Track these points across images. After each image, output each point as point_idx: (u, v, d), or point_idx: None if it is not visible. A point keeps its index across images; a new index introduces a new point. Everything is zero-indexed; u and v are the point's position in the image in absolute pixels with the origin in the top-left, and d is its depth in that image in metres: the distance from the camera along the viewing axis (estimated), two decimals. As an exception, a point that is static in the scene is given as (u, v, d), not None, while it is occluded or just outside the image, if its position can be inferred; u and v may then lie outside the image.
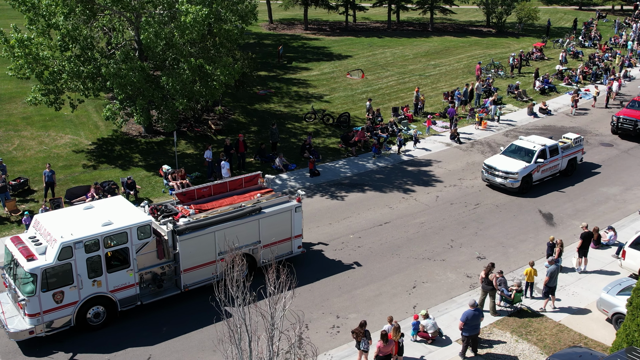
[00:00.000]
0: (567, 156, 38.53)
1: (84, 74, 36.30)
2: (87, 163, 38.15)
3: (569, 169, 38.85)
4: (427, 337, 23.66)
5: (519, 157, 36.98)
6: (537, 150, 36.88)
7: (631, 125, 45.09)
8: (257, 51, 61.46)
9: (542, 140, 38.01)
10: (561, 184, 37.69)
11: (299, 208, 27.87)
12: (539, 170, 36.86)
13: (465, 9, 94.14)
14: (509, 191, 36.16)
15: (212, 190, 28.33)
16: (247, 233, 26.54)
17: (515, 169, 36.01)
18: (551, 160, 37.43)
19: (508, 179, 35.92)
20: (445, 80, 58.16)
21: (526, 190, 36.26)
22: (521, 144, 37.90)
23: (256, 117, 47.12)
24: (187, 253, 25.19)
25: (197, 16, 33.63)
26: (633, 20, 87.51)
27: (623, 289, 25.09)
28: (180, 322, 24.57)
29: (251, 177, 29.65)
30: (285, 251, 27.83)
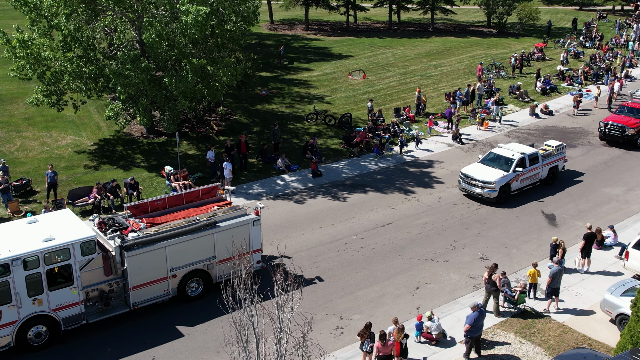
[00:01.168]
0: (548, 164, 37.22)
1: (86, 74, 36.28)
2: (89, 164, 38.12)
3: (550, 177, 37.61)
4: (431, 338, 23.64)
5: (498, 165, 35.72)
6: (515, 158, 35.57)
7: (618, 132, 43.61)
8: (258, 52, 61.46)
9: (521, 148, 36.78)
10: (563, 184, 37.64)
11: (257, 221, 26.60)
12: (518, 179, 35.54)
13: (465, 10, 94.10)
14: (485, 201, 35.03)
15: (167, 202, 27.23)
16: (202, 248, 25.45)
17: (492, 178, 34.70)
18: (531, 169, 36.12)
19: (485, 188, 34.61)
20: (446, 80, 58.15)
21: (504, 201, 35.02)
22: (500, 152, 36.62)
23: (258, 118, 47.10)
24: (135, 269, 23.99)
25: (197, 16, 33.59)
26: (634, 20, 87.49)
27: (627, 290, 25.09)
28: (183, 324, 24.52)
29: (209, 188, 28.58)
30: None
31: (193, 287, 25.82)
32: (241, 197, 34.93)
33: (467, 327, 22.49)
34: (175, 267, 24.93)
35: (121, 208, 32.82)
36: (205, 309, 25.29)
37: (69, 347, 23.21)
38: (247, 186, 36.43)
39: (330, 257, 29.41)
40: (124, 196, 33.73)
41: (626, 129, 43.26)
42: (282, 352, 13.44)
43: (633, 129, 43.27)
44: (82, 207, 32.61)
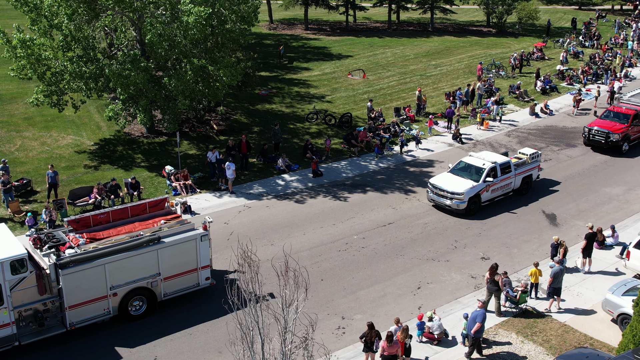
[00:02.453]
0: (521, 174, 35.77)
1: (86, 74, 36.26)
2: (90, 164, 38.09)
3: (524, 187, 36.17)
4: (432, 338, 23.64)
5: (468, 175, 34.28)
6: (486, 168, 34.12)
7: (603, 137, 42.25)
8: (258, 51, 61.31)
9: (492, 157, 35.36)
10: (563, 184, 37.66)
11: (205, 236, 25.38)
12: (489, 189, 34.09)
13: (465, 9, 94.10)
14: (454, 213, 33.64)
15: (111, 216, 26.03)
16: (145, 265, 24.21)
17: (461, 189, 33.25)
18: (502, 179, 34.68)
19: (453, 199, 33.21)
20: (446, 80, 58.14)
21: (474, 212, 33.64)
22: (470, 161, 35.12)
23: (258, 118, 47.08)
24: (72, 288, 22.70)
25: (199, 17, 33.58)
26: (633, 20, 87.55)
27: (628, 289, 25.13)
28: (184, 324, 24.52)
29: (157, 201, 27.38)
30: (191, 283, 25.60)
31: (136, 306, 24.57)
32: (242, 197, 34.95)
33: (478, 326, 22.41)
34: (116, 285, 23.70)
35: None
36: (207, 308, 25.31)
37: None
38: (248, 186, 36.43)
39: (331, 257, 29.41)
40: (124, 196, 33.70)
41: (610, 135, 41.91)
42: (286, 352, 13.42)
43: (618, 135, 41.92)
44: (83, 207, 32.57)
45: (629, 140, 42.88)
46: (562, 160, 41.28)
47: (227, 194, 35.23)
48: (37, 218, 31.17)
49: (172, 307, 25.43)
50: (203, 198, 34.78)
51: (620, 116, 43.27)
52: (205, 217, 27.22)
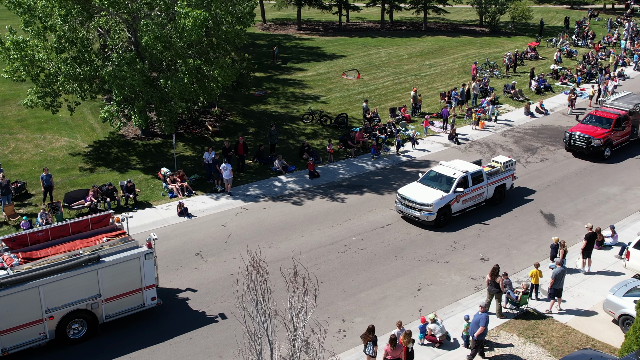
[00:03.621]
0: (493, 183, 34.45)
1: (81, 76, 35.95)
2: (84, 166, 37.78)
3: (497, 197, 34.86)
4: (434, 340, 23.50)
5: (438, 185, 32.93)
6: (456, 178, 32.77)
7: (584, 143, 41.02)
8: (251, 51, 61.02)
9: (464, 166, 33.85)
10: (561, 184, 37.61)
11: (150, 254, 23.91)
12: (459, 200, 32.75)
13: (458, 9, 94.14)
14: (424, 225, 32.31)
15: (50, 234, 24.42)
16: (84, 286, 22.82)
17: (429, 200, 31.84)
18: (474, 189, 33.34)
19: (422, 211, 31.81)
20: (441, 80, 58.08)
21: (444, 224, 32.33)
22: (440, 171, 33.70)
23: (253, 119, 46.87)
24: (3, 312, 21.33)
25: (196, 20, 33.34)
26: (625, 18, 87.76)
27: (629, 290, 25.04)
28: (184, 327, 24.28)
29: (100, 217, 25.69)
30: (136, 304, 24.23)
31: (75, 329, 23.19)
32: (239, 199, 34.74)
33: (482, 329, 22.27)
34: (52, 308, 22.30)
35: (119, 211, 32.64)
36: (206, 312, 25.10)
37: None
38: (244, 187, 36.22)
39: (330, 259, 29.23)
40: (120, 199, 33.42)
41: (592, 140, 40.69)
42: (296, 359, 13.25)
43: (599, 140, 40.74)
44: (79, 210, 32.29)
45: (611, 145, 41.66)
46: (559, 160, 41.23)
47: (224, 195, 35.01)
48: (33, 221, 30.85)
49: (170, 310, 25.19)
50: (200, 200, 34.55)
51: (602, 121, 41.97)
52: (150, 234, 25.44)
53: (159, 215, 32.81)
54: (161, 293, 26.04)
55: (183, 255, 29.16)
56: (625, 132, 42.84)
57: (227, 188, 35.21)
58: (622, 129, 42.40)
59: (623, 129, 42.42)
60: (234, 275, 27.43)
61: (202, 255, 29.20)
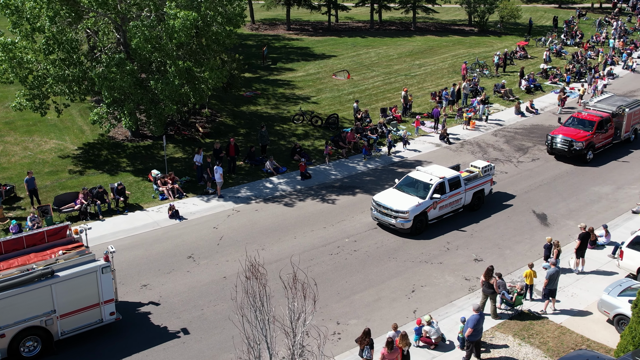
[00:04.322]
0: (472, 189, 33.61)
1: (70, 77, 35.61)
2: (74, 168, 37.43)
3: (476, 202, 34.04)
4: (430, 342, 23.37)
5: (414, 191, 32.05)
6: (433, 184, 31.92)
7: (566, 146, 40.28)
8: (240, 52, 60.88)
9: (441, 172, 33.05)
10: (553, 184, 37.59)
11: (107, 268, 22.93)
12: (436, 207, 31.87)
13: (446, 8, 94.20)
14: (399, 232, 31.45)
15: (3, 247, 23.31)
16: (37, 302, 21.85)
17: (405, 207, 30.92)
18: (451, 195, 32.53)
19: (398, 218, 30.92)
20: (431, 80, 58.02)
21: (420, 231, 31.47)
22: (417, 177, 32.81)
23: (243, 120, 46.63)
24: None
25: (186, 20, 33.07)
26: (613, 17, 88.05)
27: (623, 289, 25.00)
28: (177, 332, 24.05)
29: (57, 229, 24.57)
30: (94, 319, 23.21)
31: (29, 347, 22.22)
32: (230, 201, 34.52)
33: (470, 331, 22.23)
34: (4, 326, 21.42)
35: (109, 214, 32.36)
36: (199, 316, 24.87)
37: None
38: (236, 189, 35.99)
39: (323, 261, 29.05)
40: (111, 201, 33.12)
41: (574, 143, 39.99)
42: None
43: (581, 143, 39.95)
44: (69, 214, 31.98)
45: (594, 148, 40.91)
46: (550, 159, 41.21)
47: (215, 197, 34.77)
48: (22, 225, 30.53)
49: (162, 314, 24.94)
50: (191, 202, 34.30)
51: (585, 123, 41.23)
52: (108, 246, 24.27)
53: (150, 217, 32.54)
54: (155, 296, 25.85)
55: (175, 258, 28.91)
56: (608, 135, 42.12)
57: (218, 191, 34.91)
58: (605, 132, 41.67)
59: (606, 131, 41.71)
60: (227, 278, 27.30)
61: (194, 258, 28.96)
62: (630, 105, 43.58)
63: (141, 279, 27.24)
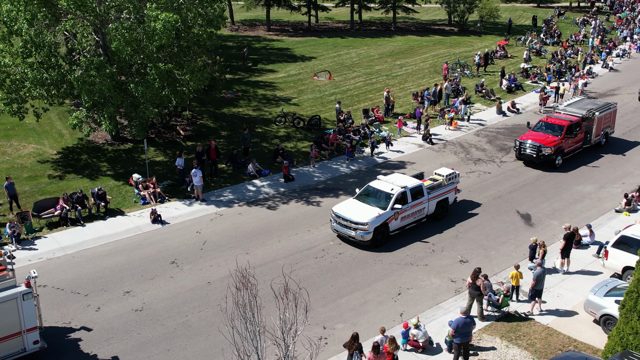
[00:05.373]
0: (435, 198, 32.50)
1: (48, 81, 35.04)
2: (53, 173, 36.87)
3: (439, 212, 32.99)
4: (417, 346, 23.20)
5: (375, 202, 30.85)
6: (394, 193, 30.71)
7: (534, 152, 39.33)
8: (220, 53, 60.34)
9: (402, 181, 31.83)
10: (537, 183, 37.61)
11: (29, 294, 21.42)
12: (398, 217, 30.74)
13: (426, 8, 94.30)
14: (360, 245, 30.30)
15: None
16: None
17: (365, 218, 29.69)
18: (414, 205, 31.34)
19: (357, 230, 29.71)
20: (412, 80, 57.95)
21: (381, 243, 30.27)
22: (378, 186, 31.57)
23: (225, 122, 46.26)
24: None
25: (167, 24, 32.65)
26: (591, 16, 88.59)
27: (609, 290, 25.00)
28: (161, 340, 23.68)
29: None
30: (16, 349, 21.67)
31: None
32: (213, 205, 34.17)
33: (452, 332, 22.11)
34: None
35: (90, 219, 31.88)
36: (184, 323, 24.52)
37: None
38: (218, 193, 35.63)
39: (308, 265, 28.79)
40: (91, 207, 32.64)
41: (542, 148, 38.96)
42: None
43: (550, 148, 38.96)
44: (49, 219, 31.46)
45: (563, 153, 40.04)
46: (532, 159, 41.26)
47: (197, 201, 34.37)
48: (1, 232, 30.00)
49: (147, 323, 24.56)
50: (173, 206, 33.89)
51: (554, 128, 40.24)
52: (30, 271, 22.60)
53: (131, 222, 32.11)
54: (138, 303, 25.47)
55: (158, 264, 28.52)
56: (578, 139, 41.26)
57: (198, 195, 34.46)
58: (574, 136, 40.72)
59: (575, 136, 40.75)
60: (212, 283, 26.99)
61: (177, 264, 28.59)
62: (600, 108, 42.72)
63: (124, 285, 26.83)
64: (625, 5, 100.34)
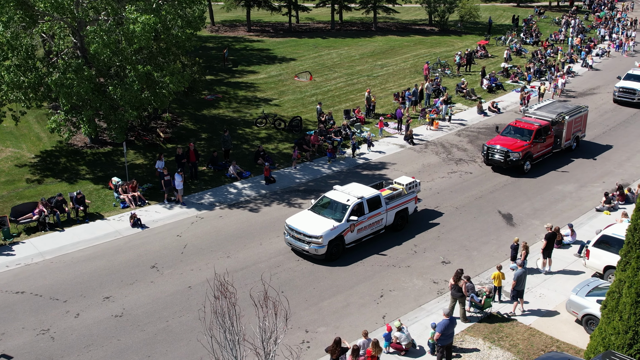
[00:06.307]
0: (393, 208, 31.31)
1: (25, 84, 34.57)
2: (32, 177, 36.40)
3: (399, 222, 31.82)
4: (400, 348, 23.09)
5: (330, 213, 29.57)
6: (350, 204, 29.47)
7: (502, 157, 38.60)
8: (200, 54, 60.20)
9: (359, 191, 30.59)
10: (518, 183, 37.67)
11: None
12: (354, 229, 29.43)
13: (407, 8, 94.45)
14: (313, 259, 29.14)
15: None
16: None
17: (319, 231, 28.38)
18: (371, 216, 30.17)
19: (311, 244, 28.45)
20: (393, 80, 57.92)
21: (336, 257, 29.06)
22: (333, 197, 30.34)
23: (205, 124, 45.95)
24: None
25: (146, 26, 32.32)
26: (570, 16, 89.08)
27: (591, 289, 25.04)
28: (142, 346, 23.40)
29: None
30: None
31: None
32: (193, 208, 33.88)
33: (438, 335, 22.02)
34: None
35: (68, 223, 31.48)
36: (165, 328, 24.25)
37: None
38: (199, 196, 35.34)
39: (290, 267, 28.60)
40: (70, 211, 32.23)
41: (510, 154, 38.17)
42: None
43: (518, 153, 38.21)
44: (27, 225, 31.02)
45: (532, 158, 39.25)
46: (514, 158, 41.32)
47: (178, 204, 34.06)
48: (-22, 238, 29.59)
49: (126, 327, 24.27)
50: (153, 210, 33.57)
51: (523, 132, 39.54)
52: None
53: (111, 227, 31.75)
54: (118, 309, 25.16)
55: (138, 269, 28.20)
56: (548, 144, 40.51)
57: (179, 198, 34.16)
58: (543, 141, 39.98)
59: (544, 140, 40.01)
60: (192, 287, 26.73)
61: (157, 268, 28.28)
62: (571, 112, 42.05)
63: (103, 291, 26.49)
64: (604, 5, 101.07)
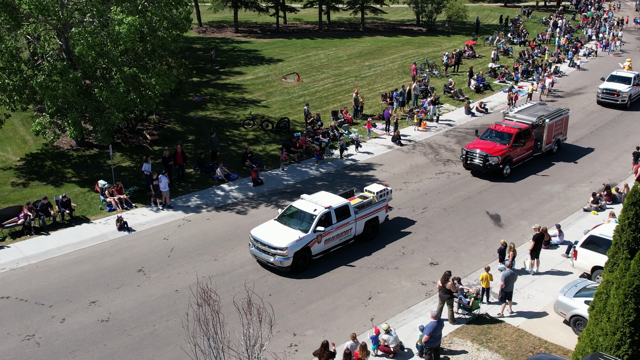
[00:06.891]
0: (363, 217, 30.38)
1: (10, 86, 34.25)
2: (17, 181, 36.08)
3: (369, 232, 30.88)
4: (388, 351, 23.01)
5: (297, 224, 28.68)
6: (317, 214, 28.51)
7: (482, 161, 37.84)
8: (187, 56, 59.91)
9: (327, 201, 29.68)
10: (505, 184, 37.67)
11: None
12: (321, 240, 28.53)
13: (394, 8, 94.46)
14: (278, 271, 28.18)
15: None
16: None
17: (284, 242, 27.44)
18: (339, 226, 29.19)
19: (276, 256, 27.50)
20: (381, 81, 57.88)
21: (303, 269, 28.15)
22: (300, 206, 29.45)
23: (192, 126, 45.72)
24: None
25: (131, 27, 32.07)
26: (557, 15, 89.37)
27: (579, 290, 25.04)
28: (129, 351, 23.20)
29: None
30: None
31: None
32: (180, 210, 33.68)
33: (426, 338, 21.95)
34: None
35: (54, 227, 31.20)
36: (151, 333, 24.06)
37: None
38: (186, 198, 35.14)
39: (278, 270, 28.42)
40: (56, 214, 31.95)
41: (489, 158, 37.49)
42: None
43: (497, 157, 37.54)
44: (12, 229, 30.71)
45: (511, 162, 38.58)
46: (501, 159, 41.34)
47: (164, 207, 33.83)
48: (-38, 242, 29.28)
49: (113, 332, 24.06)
50: (140, 213, 33.33)
51: (503, 136, 38.83)
52: None
53: (97, 230, 31.50)
54: (106, 313, 24.94)
55: (124, 272, 27.98)
56: (528, 147, 40.06)
57: (166, 201, 33.91)
58: (523, 145, 39.43)
59: (524, 144, 39.46)
60: (179, 291, 26.55)
61: (144, 272, 28.07)
62: (551, 115, 41.60)
63: (89, 295, 26.26)
64: (591, 4, 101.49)
